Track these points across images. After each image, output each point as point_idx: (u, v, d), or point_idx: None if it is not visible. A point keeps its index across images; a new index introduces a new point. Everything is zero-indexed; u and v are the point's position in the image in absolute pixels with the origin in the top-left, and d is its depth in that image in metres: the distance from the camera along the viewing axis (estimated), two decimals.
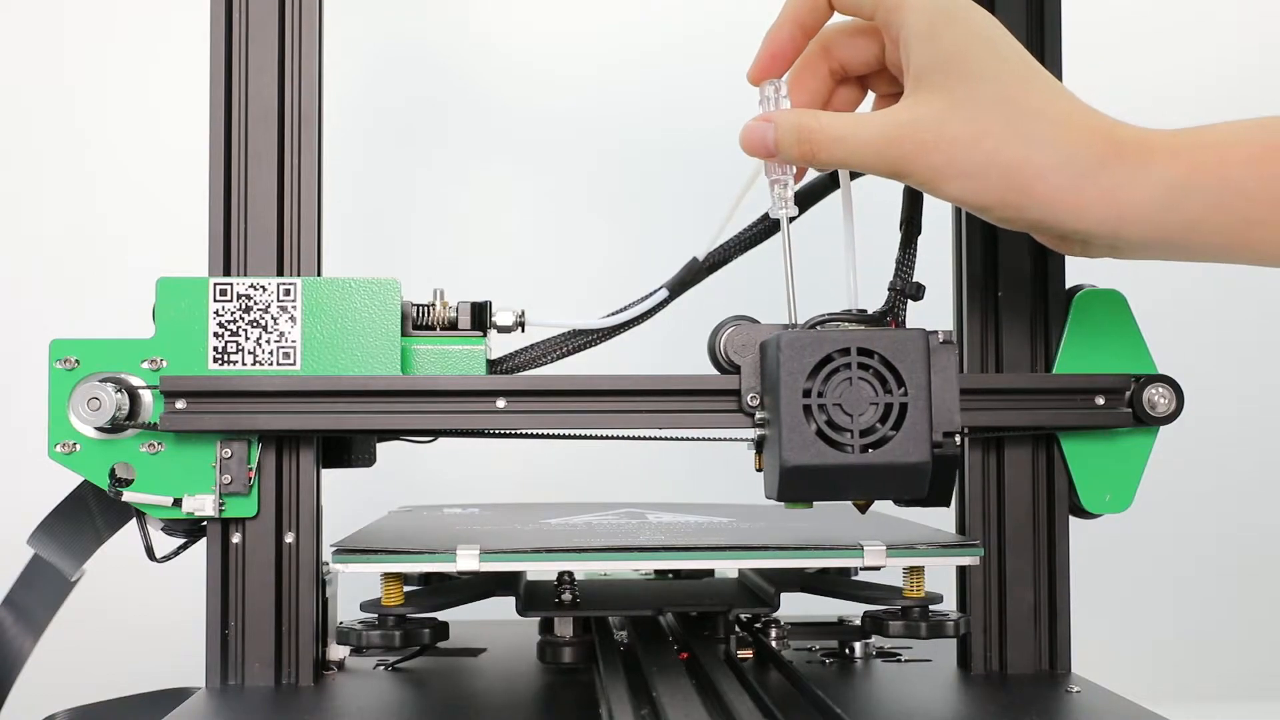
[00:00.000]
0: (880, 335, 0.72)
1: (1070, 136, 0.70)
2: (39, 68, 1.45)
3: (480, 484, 1.32)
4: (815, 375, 0.72)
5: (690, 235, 0.82)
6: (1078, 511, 0.85)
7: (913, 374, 0.71)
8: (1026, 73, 0.72)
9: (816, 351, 0.72)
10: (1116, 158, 0.69)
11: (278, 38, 0.84)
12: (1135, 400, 0.81)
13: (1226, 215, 0.69)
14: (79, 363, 0.80)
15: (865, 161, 0.73)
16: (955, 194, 0.72)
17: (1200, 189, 0.69)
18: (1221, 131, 0.70)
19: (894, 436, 0.71)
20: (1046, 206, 0.70)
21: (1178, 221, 0.69)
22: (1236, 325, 1.48)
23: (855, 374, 0.71)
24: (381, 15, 1.49)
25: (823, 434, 0.71)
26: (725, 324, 0.79)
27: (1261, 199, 0.68)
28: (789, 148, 0.74)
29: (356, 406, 0.79)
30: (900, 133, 0.72)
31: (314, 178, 0.84)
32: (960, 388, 0.80)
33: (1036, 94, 0.71)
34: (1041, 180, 0.70)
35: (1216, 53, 1.49)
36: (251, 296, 0.81)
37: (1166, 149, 0.69)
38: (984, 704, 0.79)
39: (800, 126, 0.74)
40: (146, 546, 0.83)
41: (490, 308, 0.84)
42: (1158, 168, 0.69)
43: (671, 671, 0.79)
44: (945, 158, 0.71)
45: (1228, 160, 0.69)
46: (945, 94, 0.71)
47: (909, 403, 0.71)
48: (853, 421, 0.71)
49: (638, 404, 0.79)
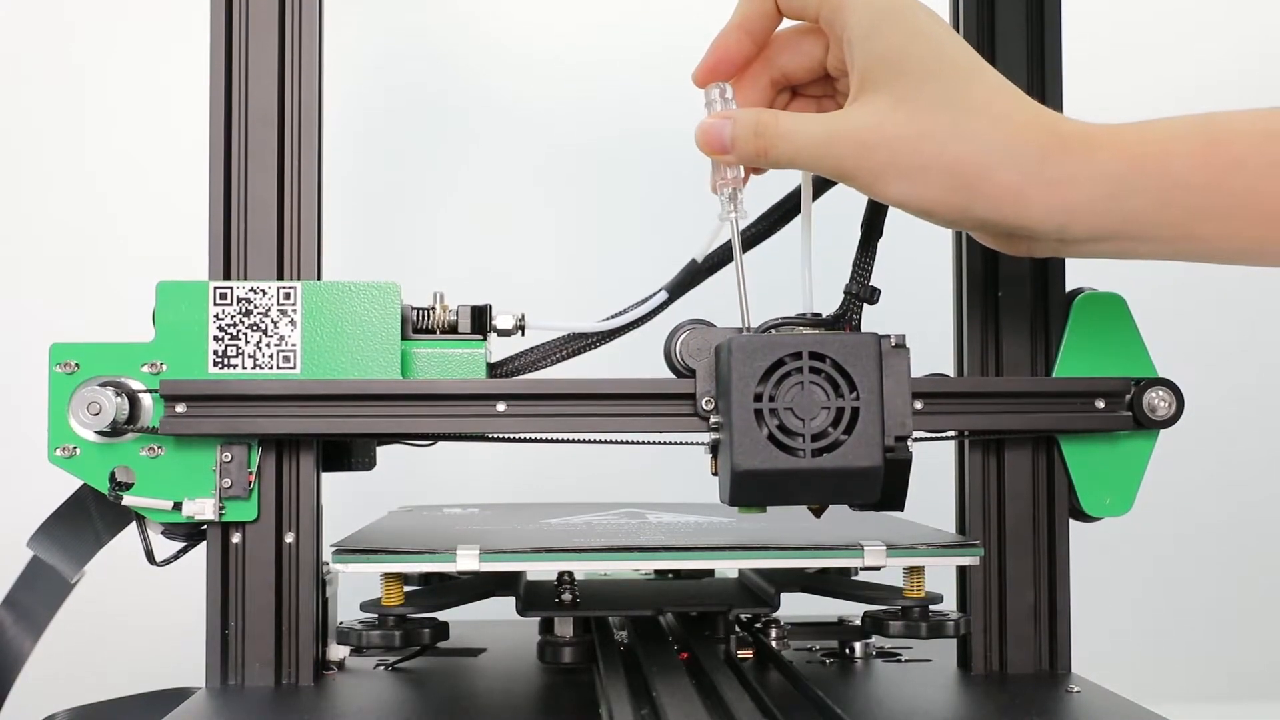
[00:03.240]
0: (832, 339, 0.72)
1: (1014, 132, 0.69)
2: (40, 67, 1.45)
3: (480, 484, 1.33)
4: (767, 379, 0.72)
5: (691, 236, 0.82)
6: (1078, 515, 0.85)
7: (864, 378, 0.71)
8: (970, 70, 0.72)
9: (768, 355, 0.72)
10: (1061, 151, 0.69)
11: (278, 41, 0.83)
12: (1135, 404, 0.81)
13: (1171, 208, 0.68)
14: (79, 366, 0.80)
15: (810, 160, 0.73)
16: (897, 196, 0.72)
17: (1144, 182, 0.68)
18: (1165, 127, 0.70)
19: (846, 441, 0.71)
20: (992, 203, 0.70)
21: (1123, 214, 0.69)
22: (1236, 327, 1.48)
23: (807, 378, 0.71)
24: (379, 18, 1.49)
25: (774, 438, 0.71)
26: (681, 327, 0.79)
27: (1204, 192, 0.68)
28: (745, 143, 0.74)
29: (356, 410, 0.79)
30: (842, 133, 0.71)
31: (314, 181, 0.83)
32: (961, 390, 0.80)
33: (980, 91, 0.71)
34: (986, 177, 0.69)
35: (1216, 62, 1.49)
36: (251, 300, 0.81)
37: (1111, 143, 0.69)
38: (984, 704, 0.79)
39: (757, 122, 0.73)
40: (146, 550, 0.83)
41: (490, 311, 0.84)
42: (1102, 161, 0.69)
43: (671, 671, 0.79)
44: (887, 158, 0.70)
45: (1171, 153, 0.68)
46: (887, 93, 0.71)
47: (861, 407, 0.71)
48: (804, 426, 0.71)
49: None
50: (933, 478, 0.86)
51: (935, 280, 0.90)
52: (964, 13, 0.87)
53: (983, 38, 0.87)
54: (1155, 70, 1.49)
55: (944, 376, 0.84)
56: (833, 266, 0.81)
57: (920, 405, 0.79)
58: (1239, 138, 0.68)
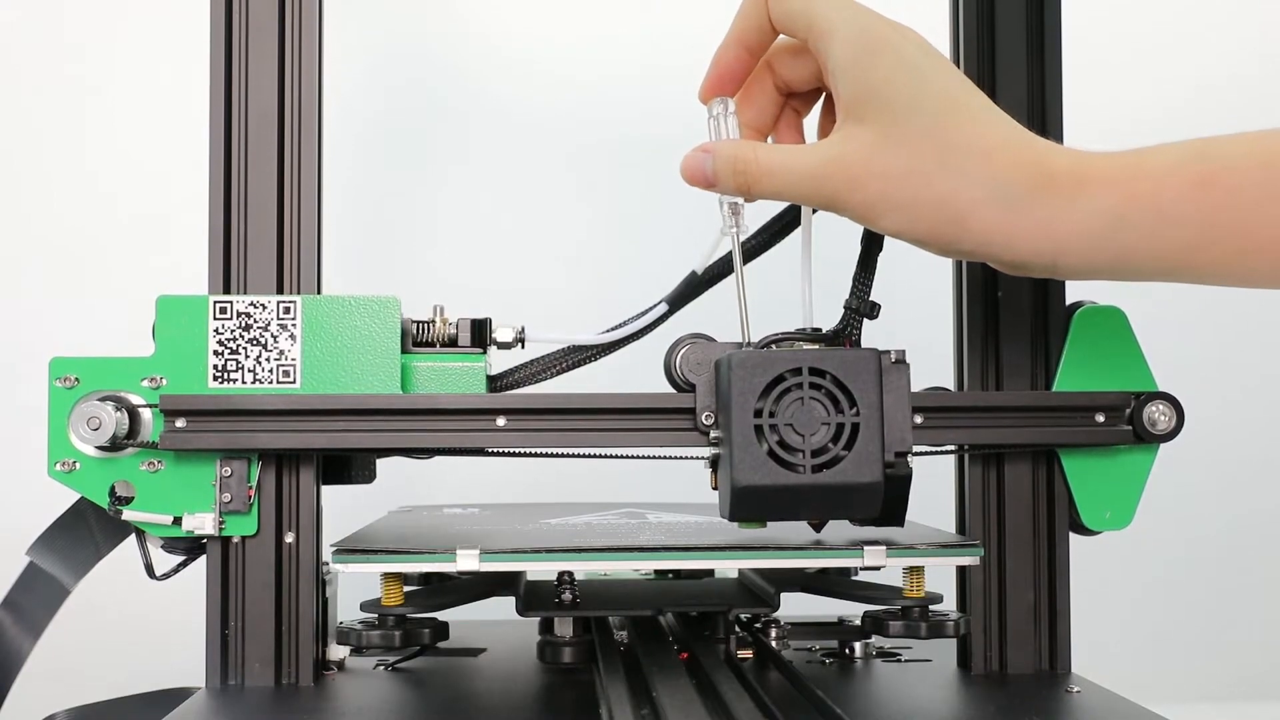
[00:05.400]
0: (832, 355, 0.72)
1: (1001, 169, 0.69)
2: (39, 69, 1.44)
3: (480, 484, 1.32)
4: (767, 395, 0.72)
5: (691, 248, 0.82)
6: (1078, 528, 0.85)
7: (864, 394, 0.71)
8: (957, 102, 0.71)
9: (768, 371, 0.72)
10: (1050, 188, 0.68)
11: (278, 51, 0.83)
12: (1135, 418, 0.81)
13: (1164, 243, 0.68)
14: (79, 381, 0.80)
15: (799, 194, 0.73)
16: (891, 227, 0.71)
17: (1137, 218, 0.67)
18: (1158, 157, 0.68)
19: (846, 456, 0.71)
20: (980, 239, 0.70)
21: (1115, 249, 0.68)
22: (1236, 340, 1.48)
23: (807, 394, 0.71)
24: (378, 28, 1.47)
25: (774, 454, 0.71)
26: (681, 342, 0.79)
27: (1198, 226, 0.67)
28: (725, 179, 0.73)
29: (356, 425, 0.78)
30: (831, 168, 0.71)
31: (314, 195, 0.83)
32: (961, 405, 0.80)
33: (967, 125, 0.70)
34: (974, 214, 0.69)
35: (1215, 63, 1.48)
36: (251, 315, 0.80)
37: (1101, 178, 0.68)
38: (984, 704, 0.80)
39: (736, 158, 0.73)
40: (146, 564, 0.83)
41: (490, 324, 0.84)
42: (1093, 197, 0.68)
43: (671, 671, 0.79)
44: (877, 192, 0.70)
45: (1164, 189, 0.67)
46: (874, 127, 0.70)
47: (861, 423, 0.71)
48: (804, 441, 0.71)
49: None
50: (933, 488, 0.87)
51: (935, 294, 0.90)
52: (964, 21, 0.87)
53: (983, 44, 0.86)
54: (1155, 70, 1.48)
55: (944, 390, 0.84)
56: (835, 280, 0.81)
57: (920, 419, 0.79)
58: (1233, 168, 0.67)
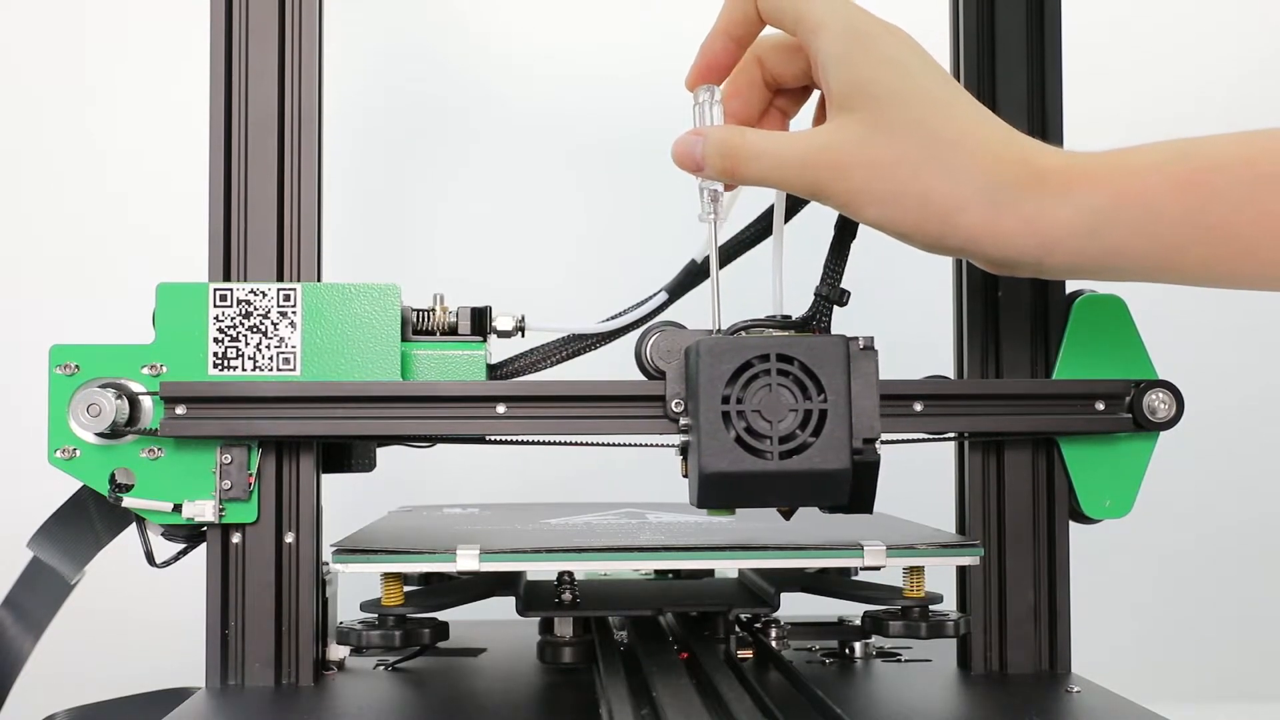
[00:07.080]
0: (799, 342, 0.72)
1: (988, 166, 0.69)
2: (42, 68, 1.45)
3: (480, 484, 1.32)
4: (734, 381, 0.71)
5: (692, 237, 0.82)
6: (1078, 517, 0.85)
7: (832, 380, 0.71)
8: (944, 98, 0.71)
9: (736, 358, 0.72)
10: (1037, 186, 0.68)
11: (278, 43, 0.83)
12: (1135, 406, 0.81)
13: (1150, 241, 0.68)
14: (79, 368, 0.80)
15: (785, 180, 0.73)
16: (874, 219, 0.71)
17: (1123, 216, 0.68)
18: (1145, 156, 0.69)
19: (813, 443, 0.71)
20: (967, 236, 0.70)
21: (1101, 248, 0.69)
22: (1236, 328, 1.47)
23: (775, 380, 0.71)
24: (379, 18, 1.48)
25: (742, 441, 0.71)
26: (651, 329, 0.79)
27: (1183, 226, 0.67)
28: (714, 162, 0.74)
29: (356, 412, 0.79)
30: (818, 155, 0.71)
31: (314, 183, 0.84)
32: (961, 392, 0.80)
33: (955, 121, 0.70)
34: (961, 211, 0.69)
35: (1216, 68, 1.49)
36: (251, 302, 0.81)
37: (1088, 176, 0.68)
38: (984, 704, 0.79)
39: (724, 142, 0.73)
40: (146, 552, 0.83)
41: (490, 313, 0.84)
42: (1079, 195, 0.68)
43: (671, 671, 0.79)
44: (861, 181, 0.70)
45: (1150, 188, 0.67)
46: (862, 117, 0.70)
47: (828, 409, 0.71)
48: (772, 428, 0.71)
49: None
50: (933, 484, 0.87)
51: (935, 282, 0.90)
52: (964, 22, 0.88)
53: (983, 45, 0.87)
54: (1155, 71, 1.49)
55: (944, 379, 0.84)
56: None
57: (920, 407, 0.80)
58: (1218, 168, 0.67)
